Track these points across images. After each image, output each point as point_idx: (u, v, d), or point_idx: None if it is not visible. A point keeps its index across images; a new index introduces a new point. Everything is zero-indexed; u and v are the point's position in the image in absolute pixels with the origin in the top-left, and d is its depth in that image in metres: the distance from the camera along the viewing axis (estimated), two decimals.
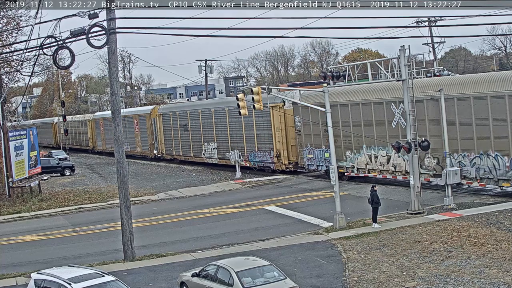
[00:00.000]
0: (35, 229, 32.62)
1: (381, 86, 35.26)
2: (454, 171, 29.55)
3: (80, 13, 22.11)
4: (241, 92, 31.29)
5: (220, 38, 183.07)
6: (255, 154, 46.94)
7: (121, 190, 24.74)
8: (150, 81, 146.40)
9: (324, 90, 28.38)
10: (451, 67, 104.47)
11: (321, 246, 24.19)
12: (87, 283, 16.41)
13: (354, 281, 19.24)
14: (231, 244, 25.82)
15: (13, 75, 46.59)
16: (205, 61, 79.35)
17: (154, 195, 41.15)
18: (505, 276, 18.23)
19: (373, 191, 26.79)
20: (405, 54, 27.96)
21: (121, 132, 24.81)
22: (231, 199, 37.59)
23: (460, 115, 30.91)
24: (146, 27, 23.55)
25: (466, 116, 30.57)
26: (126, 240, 24.46)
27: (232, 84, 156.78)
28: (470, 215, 26.75)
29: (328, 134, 28.32)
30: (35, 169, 45.96)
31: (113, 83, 24.61)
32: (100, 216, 35.07)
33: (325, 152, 40.02)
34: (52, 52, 22.69)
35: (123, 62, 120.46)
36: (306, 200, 34.80)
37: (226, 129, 50.11)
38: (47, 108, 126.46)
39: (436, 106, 31.43)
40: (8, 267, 24.70)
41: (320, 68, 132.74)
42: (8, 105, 60.28)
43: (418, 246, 22.55)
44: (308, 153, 41.96)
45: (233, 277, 16.88)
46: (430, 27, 61.23)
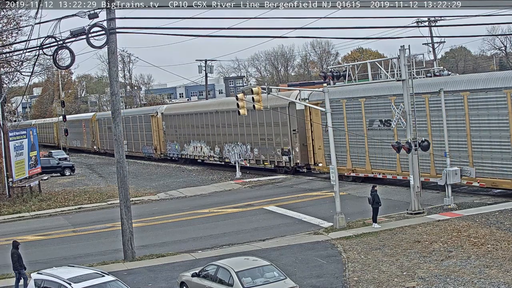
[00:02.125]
0: (35, 229, 32.62)
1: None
2: (454, 171, 29.56)
3: (80, 13, 22.11)
4: (241, 92, 31.30)
5: (220, 38, 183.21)
6: (146, 148, 66.68)
7: (121, 190, 24.74)
8: (150, 81, 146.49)
9: (324, 90, 28.39)
10: (451, 67, 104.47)
11: (321, 246, 24.20)
12: (87, 283, 16.40)
13: (354, 281, 19.24)
14: (231, 244, 25.83)
15: (13, 75, 46.62)
16: (205, 61, 79.36)
17: (154, 195, 41.16)
18: (505, 276, 18.23)
19: (373, 191, 26.80)
20: (405, 54, 27.96)
21: (121, 132, 24.82)
22: (231, 199, 37.59)
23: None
24: (146, 27, 23.57)
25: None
26: (126, 240, 24.47)
27: (232, 84, 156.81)
28: (470, 215, 26.75)
29: (328, 134, 28.31)
30: (35, 169, 45.96)
31: (113, 83, 24.61)
32: (100, 216, 35.08)
33: (175, 145, 60.12)
34: (52, 52, 22.71)
35: (123, 62, 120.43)
36: (306, 200, 34.81)
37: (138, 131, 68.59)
38: (47, 108, 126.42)
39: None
40: (8, 267, 24.68)
41: (320, 68, 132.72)
42: (8, 105, 60.27)
43: (418, 246, 22.55)
44: (169, 146, 61.84)
45: (233, 277, 16.88)
46: (430, 27, 61.24)
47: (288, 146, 44.15)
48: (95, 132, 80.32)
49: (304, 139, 42.96)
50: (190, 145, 57.12)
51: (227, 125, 50.75)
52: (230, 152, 50.18)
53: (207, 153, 54.39)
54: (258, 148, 47.40)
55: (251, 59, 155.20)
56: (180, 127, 58.95)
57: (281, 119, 44.00)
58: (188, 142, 57.46)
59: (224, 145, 51.33)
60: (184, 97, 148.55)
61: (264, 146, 46.65)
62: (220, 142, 51.94)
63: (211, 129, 53.04)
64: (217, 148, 52.44)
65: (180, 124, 58.91)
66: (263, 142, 46.66)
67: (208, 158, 54.78)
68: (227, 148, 51.04)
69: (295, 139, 43.47)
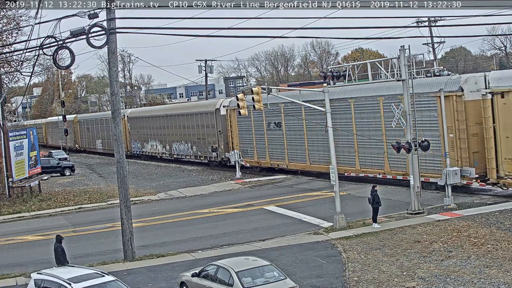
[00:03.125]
0: (35, 229, 32.62)
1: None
2: (454, 171, 29.57)
3: (80, 13, 22.10)
4: (241, 92, 31.32)
5: (220, 38, 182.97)
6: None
7: (121, 190, 24.74)
8: (150, 81, 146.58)
9: (324, 90, 28.39)
10: (451, 67, 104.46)
11: (321, 246, 24.20)
12: (87, 283, 16.40)
13: (354, 281, 19.24)
14: (231, 244, 25.82)
15: (13, 75, 46.62)
16: (205, 61, 79.34)
17: (154, 195, 41.16)
18: (505, 276, 18.23)
19: (373, 191, 26.80)
20: (405, 54, 27.95)
21: (121, 132, 24.83)
22: (231, 199, 37.59)
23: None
24: (146, 27, 23.56)
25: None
26: (126, 240, 24.47)
27: (232, 84, 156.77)
28: (470, 215, 26.75)
29: (328, 134, 28.31)
30: (35, 169, 45.96)
31: (113, 83, 24.61)
32: (100, 216, 35.07)
33: (138, 143, 68.27)
34: (52, 52, 22.69)
35: (123, 62, 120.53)
36: (306, 200, 34.81)
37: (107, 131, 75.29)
38: (47, 108, 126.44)
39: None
40: (8, 267, 24.72)
41: (320, 68, 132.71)
42: (8, 105, 60.28)
43: (418, 246, 22.55)
44: (133, 144, 69.95)
45: (233, 277, 16.88)
46: (430, 27, 61.22)
47: (216, 144, 52.92)
48: (76, 132, 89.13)
49: (227, 138, 51.32)
50: (149, 144, 66.45)
51: (174, 127, 60.23)
52: (177, 149, 60.14)
53: (161, 150, 63.58)
54: (196, 146, 56.44)
55: (251, 59, 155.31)
56: (140, 128, 68.31)
57: (211, 122, 53.37)
58: (147, 141, 66.78)
59: (173, 144, 60.68)
60: (184, 97, 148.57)
61: (200, 144, 55.74)
62: (170, 141, 61.24)
63: (163, 130, 62.32)
64: (168, 146, 61.90)
65: (140, 126, 68.37)
66: (199, 141, 55.70)
67: (162, 154, 63.72)
68: (174, 146, 60.52)
69: (220, 138, 52.24)
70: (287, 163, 44.41)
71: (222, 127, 51.81)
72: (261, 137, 46.91)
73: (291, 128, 43.64)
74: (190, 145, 57.34)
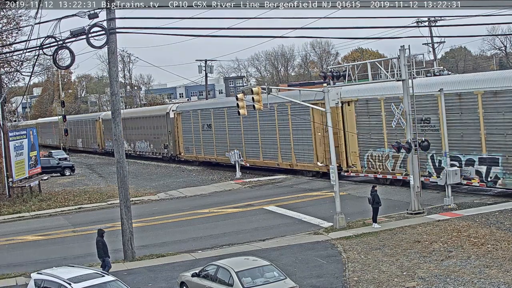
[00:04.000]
0: (35, 229, 32.61)
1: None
2: (454, 171, 29.56)
3: (80, 13, 22.11)
4: (241, 92, 31.34)
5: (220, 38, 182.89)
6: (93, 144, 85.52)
7: (121, 190, 24.75)
8: (150, 81, 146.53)
9: (324, 90, 28.40)
10: (451, 67, 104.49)
11: (321, 246, 24.20)
12: (87, 283, 16.40)
13: (354, 281, 19.24)
14: (231, 244, 25.82)
15: (13, 75, 46.60)
16: (205, 61, 79.32)
17: (154, 195, 41.15)
18: (505, 276, 18.23)
19: (373, 191, 26.80)
20: (405, 54, 27.95)
21: (120, 132, 24.84)
22: (231, 199, 37.59)
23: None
24: (146, 27, 23.56)
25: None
26: (126, 240, 24.47)
27: (232, 84, 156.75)
28: (470, 215, 26.75)
29: (328, 134, 28.34)
30: (35, 169, 45.96)
31: (113, 83, 24.61)
32: (100, 216, 35.07)
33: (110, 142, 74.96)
34: (52, 52, 22.70)
35: (123, 62, 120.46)
36: (306, 200, 34.81)
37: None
38: (47, 108, 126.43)
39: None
40: (8, 267, 24.72)
41: (320, 68, 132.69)
42: (8, 105, 60.24)
43: (418, 246, 22.55)
44: (107, 143, 78.41)
45: (233, 277, 16.88)
46: (430, 27, 61.25)
47: (167, 142, 62.48)
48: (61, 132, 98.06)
49: (175, 137, 60.49)
50: None
51: (136, 128, 70.41)
52: (139, 147, 70.19)
53: (127, 148, 70.65)
54: (152, 144, 66.56)
55: (251, 59, 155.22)
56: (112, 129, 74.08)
57: (163, 124, 62.78)
58: None
59: (136, 142, 71.15)
60: (184, 97, 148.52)
61: (155, 142, 65.82)
62: (134, 140, 71.70)
63: (129, 130, 69.79)
64: (132, 144, 71.92)
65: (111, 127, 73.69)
66: (155, 139, 65.66)
67: (128, 151, 68.94)
68: (137, 144, 70.94)
69: (170, 137, 61.53)
70: (215, 157, 53.82)
71: (171, 128, 60.83)
72: (197, 136, 56.06)
73: (218, 129, 53.15)
74: (149, 143, 67.58)
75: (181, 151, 59.70)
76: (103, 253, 21.78)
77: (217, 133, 52.78)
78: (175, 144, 60.24)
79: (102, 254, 21.78)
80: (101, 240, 21.92)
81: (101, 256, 21.81)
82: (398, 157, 34.64)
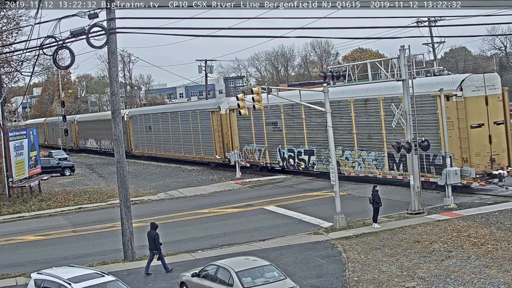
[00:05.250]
0: (35, 229, 32.60)
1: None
2: (454, 171, 29.57)
3: (80, 13, 22.10)
4: (241, 92, 31.33)
5: (220, 38, 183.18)
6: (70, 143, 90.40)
7: (121, 190, 24.74)
8: (150, 81, 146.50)
9: (324, 90, 28.40)
10: (451, 67, 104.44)
11: (321, 246, 24.20)
12: (87, 283, 16.41)
13: (354, 281, 19.24)
14: (231, 244, 25.82)
15: (13, 75, 46.59)
16: (205, 61, 79.31)
17: (154, 195, 41.14)
18: (505, 276, 18.23)
19: (374, 191, 26.80)
20: (405, 54, 27.95)
21: (120, 132, 24.83)
22: (231, 199, 37.59)
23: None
24: (146, 27, 23.58)
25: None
26: (126, 240, 24.47)
27: (232, 84, 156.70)
28: (470, 215, 26.76)
29: (328, 134, 28.34)
30: (35, 169, 45.93)
31: (113, 83, 24.61)
32: (100, 216, 35.06)
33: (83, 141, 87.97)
34: (52, 52, 22.69)
35: (123, 62, 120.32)
36: (306, 200, 34.81)
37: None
38: (47, 108, 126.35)
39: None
40: (8, 267, 24.72)
41: (320, 68, 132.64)
42: (8, 105, 60.25)
43: (418, 246, 22.55)
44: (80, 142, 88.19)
45: (233, 277, 16.88)
46: (430, 27, 61.18)
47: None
48: (45, 132, 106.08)
49: (128, 137, 68.32)
50: (88, 141, 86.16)
51: (100, 129, 78.33)
52: (104, 145, 78.52)
53: (95, 145, 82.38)
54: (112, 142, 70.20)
55: (251, 59, 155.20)
56: (84, 129, 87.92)
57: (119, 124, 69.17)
58: (87, 139, 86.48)
59: (101, 141, 79.82)
60: (184, 97, 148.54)
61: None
62: (99, 139, 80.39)
63: (96, 131, 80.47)
64: (98, 142, 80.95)
65: (84, 128, 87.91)
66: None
67: (96, 148, 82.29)
68: (102, 142, 79.07)
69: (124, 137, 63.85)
70: (154, 152, 65.00)
71: (125, 129, 67.27)
72: (142, 136, 67.56)
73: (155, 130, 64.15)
74: (110, 142, 73.79)
75: (132, 148, 70.53)
76: (154, 246, 22.13)
77: (155, 133, 64.62)
78: (129, 142, 70.02)
79: (153, 247, 22.13)
80: (154, 233, 22.34)
81: (155, 249, 22.16)
82: (261, 150, 47.56)
